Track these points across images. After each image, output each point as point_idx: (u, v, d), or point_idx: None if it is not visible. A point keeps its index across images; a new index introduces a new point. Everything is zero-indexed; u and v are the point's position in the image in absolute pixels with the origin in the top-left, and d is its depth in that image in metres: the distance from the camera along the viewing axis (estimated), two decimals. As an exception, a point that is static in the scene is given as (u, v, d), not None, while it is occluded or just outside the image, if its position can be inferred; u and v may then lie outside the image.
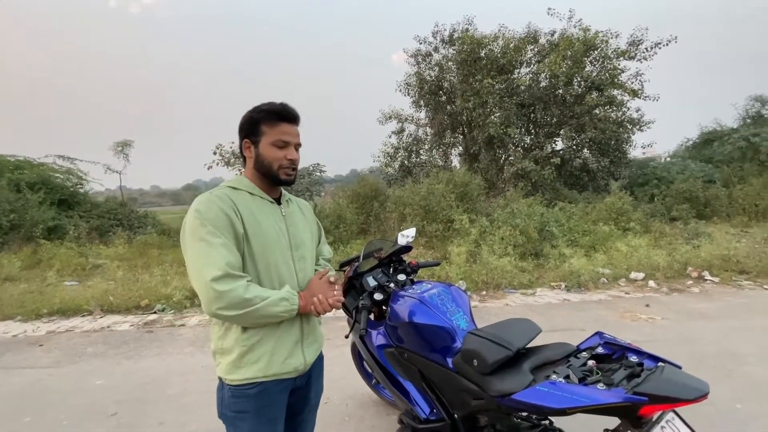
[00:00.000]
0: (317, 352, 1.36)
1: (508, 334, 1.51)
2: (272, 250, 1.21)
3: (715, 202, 10.39)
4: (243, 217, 1.16)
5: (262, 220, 1.21)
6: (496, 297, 5.00)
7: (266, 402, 1.20)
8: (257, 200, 1.24)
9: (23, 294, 5.23)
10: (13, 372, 3.28)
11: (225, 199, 1.16)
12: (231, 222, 1.13)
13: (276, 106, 1.23)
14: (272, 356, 1.18)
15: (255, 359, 1.17)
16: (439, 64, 12.46)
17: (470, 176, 8.56)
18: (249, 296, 1.08)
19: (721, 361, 3.01)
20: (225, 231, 1.12)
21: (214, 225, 1.11)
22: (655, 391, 1.07)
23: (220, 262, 1.07)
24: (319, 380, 1.43)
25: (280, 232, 1.25)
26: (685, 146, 16.62)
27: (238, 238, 1.14)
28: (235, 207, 1.16)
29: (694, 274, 5.48)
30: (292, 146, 1.24)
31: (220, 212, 1.13)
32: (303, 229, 1.35)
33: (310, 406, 1.39)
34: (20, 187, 9.11)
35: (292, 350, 1.22)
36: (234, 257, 1.11)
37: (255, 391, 1.18)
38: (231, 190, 1.21)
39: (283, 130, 1.22)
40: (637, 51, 11.04)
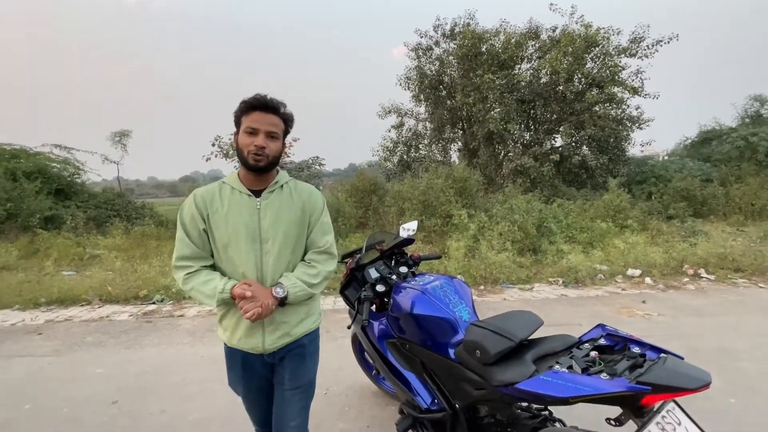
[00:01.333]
0: (282, 341, 1.41)
1: (511, 325, 1.52)
2: (233, 243, 1.33)
3: (712, 200, 10.46)
4: (209, 214, 1.34)
5: (230, 215, 1.34)
6: (494, 292, 5.03)
7: (233, 362, 1.47)
8: (236, 194, 1.36)
9: (21, 283, 5.21)
10: (13, 360, 3.28)
11: (198, 198, 1.35)
12: (194, 219, 1.34)
13: (251, 97, 1.31)
14: (233, 330, 1.39)
15: (224, 327, 1.43)
16: (440, 58, 12.41)
17: (469, 172, 8.56)
18: (186, 287, 1.34)
19: (716, 357, 3.06)
20: (189, 227, 1.35)
21: (182, 222, 1.36)
22: (658, 381, 1.09)
23: (174, 254, 1.36)
24: (296, 366, 1.46)
25: (245, 226, 1.33)
26: (684, 145, 16.67)
27: (201, 234, 1.35)
28: (203, 205, 1.34)
29: (690, 272, 5.53)
30: (261, 133, 1.29)
31: (188, 211, 1.35)
32: (278, 221, 1.36)
33: (286, 387, 1.46)
34: (17, 176, 9.04)
35: (250, 331, 1.37)
36: (189, 250, 1.34)
37: (228, 350, 1.47)
38: (218, 185, 1.39)
39: (253, 118, 1.29)
40: (638, 48, 11.03)
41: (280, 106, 1.33)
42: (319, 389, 2.65)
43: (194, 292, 1.33)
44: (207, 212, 1.34)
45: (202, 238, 1.35)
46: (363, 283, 2.11)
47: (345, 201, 8.45)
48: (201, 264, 1.35)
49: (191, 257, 1.34)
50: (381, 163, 14.02)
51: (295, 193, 1.43)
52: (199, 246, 1.35)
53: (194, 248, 1.34)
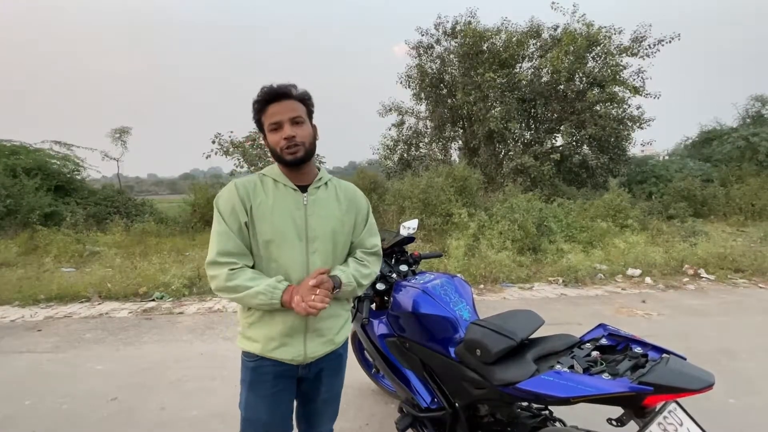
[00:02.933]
0: (325, 348, 1.30)
1: (512, 324, 1.52)
2: (279, 239, 1.21)
3: (713, 201, 10.46)
4: (252, 206, 1.21)
5: (274, 209, 1.22)
6: (493, 291, 5.03)
7: (260, 378, 1.27)
8: (280, 188, 1.25)
9: (21, 279, 5.21)
10: (12, 356, 3.28)
11: (241, 187, 1.22)
12: (235, 211, 1.20)
13: (260, 93, 1.21)
14: (267, 339, 1.24)
15: (255, 336, 1.25)
16: (441, 56, 12.38)
17: (470, 170, 8.56)
18: (231, 284, 1.16)
19: (715, 357, 3.06)
20: (229, 219, 1.20)
21: (222, 212, 1.21)
22: (661, 381, 1.08)
23: (215, 248, 1.19)
24: (334, 378, 1.40)
25: (293, 222, 1.23)
26: (684, 145, 16.68)
27: (241, 228, 1.20)
28: (246, 196, 1.21)
29: (690, 272, 5.53)
30: (285, 124, 1.19)
31: (228, 201, 1.21)
32: (327, 219, 1.27)
33: (321, 398, 1.38)
34: (16, 173, 9.03)
35: (289, 339, 1.24)
36: (232, 244, 1.19)
37: (252, 365, 1.27)
38: (259, 177, 1.28)
39: (272, 112, 1.20)
40: (639, 48, 11.01)
41: (291, 90, 1.22)
42: (319, 387, 2.67)
43: (241, 290, 1.16)
44: (250, 204, 1.20)
45: (242, 232, 1.20)
46: (363, 281, 2.10)
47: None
48: (245, 262, 1.20)
49: (235, 253, 1.19)
50: (381, 161, 14.00)
51: (340, 191, 1.34)
52: (243, 242, 1.21)
53: (238, 242, 1.19)
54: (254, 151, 8.23)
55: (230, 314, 4.26)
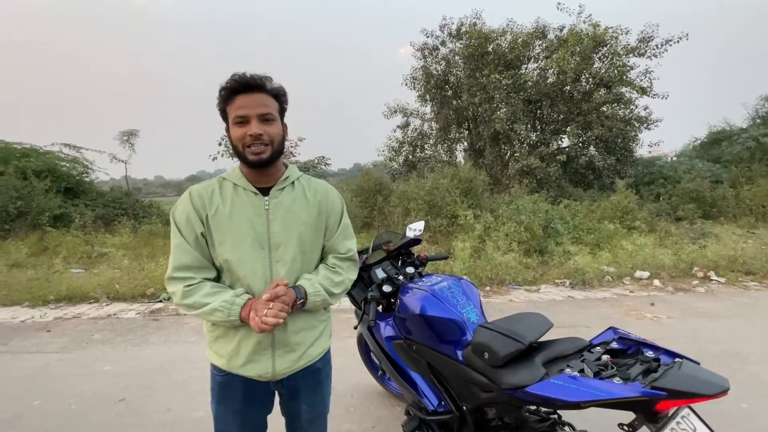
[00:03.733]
0: (298, 365, 1.21)
1: (520, 327, 1.50)
2: (238, 248, 1.12)
3: (722, 202, 10.31)
4: (208, 215, 1.12)
5: (232, 216, 1.13)
6: (499, 293, 5.00)
7: (228, 392, 1.22)
8: (239, 192, 1.15)
9: (30, 280, 5.27)
10: (22, 356, 3.31)
11: (195, 196, 1.14)
12: (190, 221, 1.13)
13: (229, 80, 1.09)
14: (232, 355, 1.16)
15: (221, 351, 1.19)
16: (446, 58, 12.36)
17: (475, 172, 8.52)
18: (187, 302, 1.10)
19: (726, 361, 3.01)
20: (185, 230, 1.13)
21: (177, 224, 1.14)
22: (674, 386, 1.06)
23: (171, 263, 1.13)
24: (315, 395, 1.31)
25: (252, 229, 1.13)
26: (693, 145, 16.48)
27: (198, 238, 1.13)
28: (202, 204, 1.13)
29: (699, 274, 5.46)
30: (253, 119, 1.07)
31: (183, 211, 1.14)
32: (291, 223, 1.16)
33: (305, 417, 1.30)
34: (27, 175, 9.15)
35: (256, 356, 1.16)
36: (188, 258, 1.12)
37: (220, 379, 1.23)
38: (217, 182, 1.18)
39: (239, 104, 1.08)
40: (647, 48, 10.91)
41: (266, 82, 1.10)
42: (325, 389, 2.66)
43: (198, 306, 1.09)
44: (206, 212, 1.12)
45: (199, 243, 1.13)
46: (369, 284, 2.10)
47: (350, 201, 8.45)
48: (203, 276, 1.13)
49: (191, 266, 1.11)
50: (386, 163, 13.99)
51: (309, 192, 1.22)
52: (201, 254, 1.13)
53: (195, 255, 1.12)
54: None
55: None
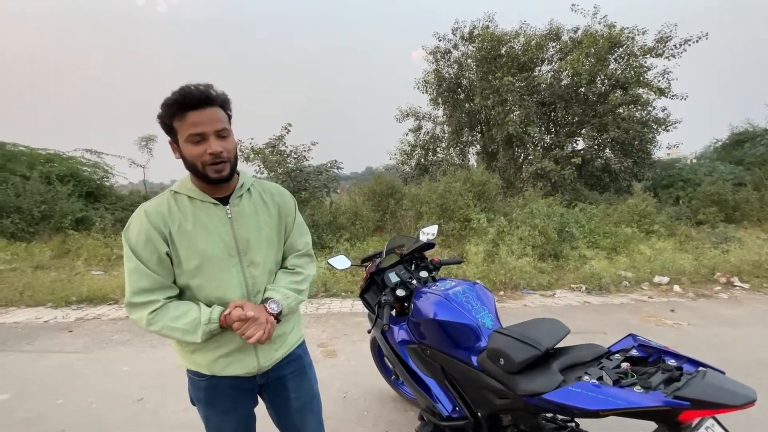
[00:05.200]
0: (278, 355, 1.24)
1: (536, 333, 1.48)
2: (208, 262, 1.11)
3: (746, 205, 9.97)
4: (171, 232, 1.08)
5: (196, 230, 1.10)
6: (514, 298, 4.93)
7: (216, 394, 1.21)
8: (197, 205, 1.12)
9: (54, 282, 5.44)
10: (45, 356, 3.42)
11: (152, 214, 1.09)
12: (151, 242, 1.07)
13: (174, 95, 1.04)
14: (216, 357, 1.15)
15: (201, 360, 1.16)
16: (459, 61, 12.34)
17: (488, 175, 8.46)
18: (154, 328, 1.06)
19: (752, 370, 2.90)
20: (143, 252, 1.07)
21: (133, 247, 1.07)
22: (699, 396, 1.03)
23: (129, 289, 1.07)
24: (301, 382, 1.32)
25: (219, 240, 1.12)
26: (714, 147, 16.00)
27: (161, 258, 1.08)
28: (162, 222, 1.09)
29: (722, 280, 5.29)
30: (210, 136, 1.04)
31: (140, 232, 1.08)
32: (257, 228, 1.18)
33: (294, 406, 1.30)
34: (50, 180, 9.47)
35: (237, 355, 1.16)
36: (147, 281, 1.07)
37: (205, 384, 1.20)
38: (170, 197, 1.13)
39: (193, 121, 1.03)
40: (664, 48, 10.68)
41: (215, 96, 1.07)
42: (338, 393, 2.67)
43: (167, 331, 1.06)
44: (168, 229, 1.08)
45: (163, 263, 1.08)
46: (383, 287, 2.10)
47: (362, 204, 8.48)
48: (165, 296, 1.09)
49: (152, 289, 1.07)
50: (398, 166, 14.00)
51: (266, 195, 1.25)
52: (160, 274, 1.08)
53: (155, 277, 1.07)
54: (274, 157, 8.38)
55: (250, 318, 4.32)
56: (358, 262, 2.41)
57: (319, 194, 8.74)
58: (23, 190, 8.77)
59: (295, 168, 8.53)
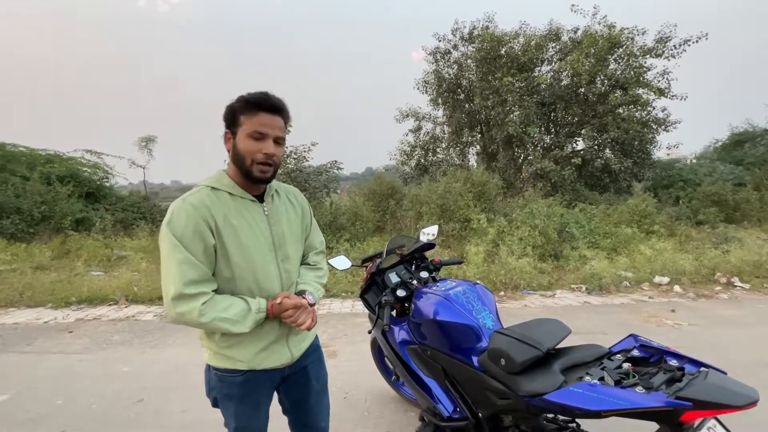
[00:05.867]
0: (305, 345, 1.36)
1: (537, 333, 1.48)
2: (250, 255, 1.17)
3: (746, 206, 9.97)
4: (217, 225, 1.12)
5: (240, 224, 1.16)
6: (514, 298, 4.93)
7: (251, 389, 1.26)
8: (237, 201, 1.18)
9: (54, 282, 5.44)
10: (45, 357, 3.42)
11: (198, 206, 1.11)
12: (200, 233, 1.09)
13: (255, 95, 1.15)
14: (253, 353, 1.21)
15: (238, 355, 1.21)
16: (458, 61, 12.34)
17: (488, 175, 8.46)
18: (205, 320, 1.08)
19: (753, 370, 2.90)
20: (191, 244, 1.09)
21: (180, 238, 1.08)
22: (701, 397, 1.03)
23: (179, 280, 1.06)
24: (319, 369, 1.44)
25: (260, 235, 1.20)
26: (714, 147, 16.00)
27: (207, 250, 1.11)
28: (208, 215, 1.11)
29: (722, 280, 5.28)
30: (269, 139, 1.14)
31: (188, 224, 1.09)
32: (289, 225, 1.29)
33: (314, 391, 1.41)
34: (50, 180, 9.46)
35: (274, 347, 1.24)
36: (197, 272, 1.08)
37: (241, 379, 1.23)
38: (209, 192, 1.16)
39: (261, 121, 1.13)
40: (664, 48, 10.68)
41: (285, 108, 1.18)
42: (338, 394, 2.67)
43: (216, 323, 1.10)
44: (214, 222, 1.12)
45: (208, 255, 1.11)
46: (383, 288, 2.10)
47: (362, 205, 8.48)
48: (212, 288, 1.13)
49: (201, 281, 1.09)
50: (398, 166, 14.00)
51: (291, 196, 1.36)
52: (207, 266, 1.12)
53: (203, 269, 1.10)
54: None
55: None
56: (359, 263, 2.41)
57: (319, 195, 8.74)
58: (23, 190, 8.76)
59: (295, 168, 8.54)
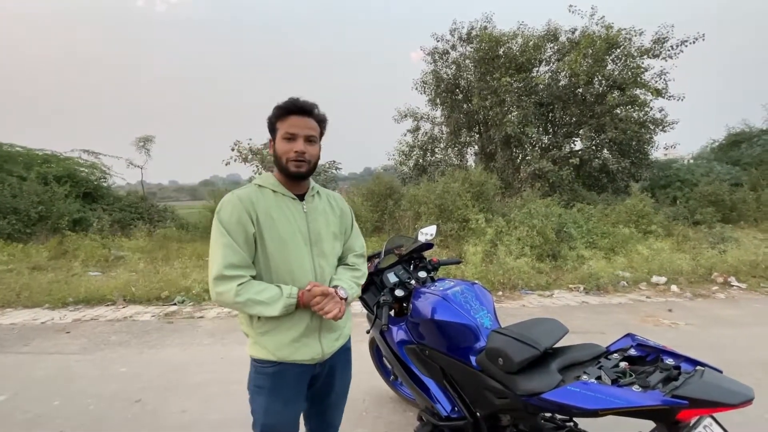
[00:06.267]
0: (338, 344, 1.39)
1: (535, 333, 1.49)
2: (286, 247, 1.26)
3: (742, 205, 10.04)
4: (258, 217, 1.24)
5: (279, 218, 1.27)
6: (512, 298, 4.94)
7: (281, 382, 1.29)
8: (279, 197, 1.30)
9: (51, 283, 5.42)
10: (42, 357, 3.40)
11: (244, 199, 1.24)
12: (242, 223, 1.22)
13: (286, 102, 1.27)
14: (285, 343, 1.27)
15: (270, 343, 1.27)
16: (457, 62, 12.36)
17: (486, 175, 8.48)
18: (240, 300, 1.18)
19: (750, 370, 2.92)
20: (234, 231, 1.21)
21: (226, 226, 1.21)
22: (697, 395, 1.04)
23: (220, 262, 1.18)
24: (345, 371, 1.49)
25: (297, 229, 1.29)
26: (711, 147, 16.10)
27: (248, 239, 1.23)
28: (251, 207, 1.24)
29: (719, 280, 5.31)
30: (299, 138, 1.25)
31: (233, 213, 1.22)
32: (326, 224, 1.37)
33: (335, 392, 1.45)
34: (48, 180, 9.43)
35: (306, 340, 1.29)
36: (237, 257, 1.20)
37: (272, 370, 1.29)
38: (256, 188, 1.30)
39: (291, 123, 1.25)
40: (661, 49, 10.73)
41: (314, 109, 1.29)
42: (337, 393, 2.66)
43: (250, 304, 1.18)
44: (256, 214, 1.24)
45: (249, 243, 1.23)
46: (381, 288, 2.10)
47: (361, 205, 8.49)
48: (250, 273, 1.23)
49: (240, 265, 1.20)
50: (397, 167, 14.02)
51: (331, 200, 1.45)
52: (247, 252, 1.22)
53: (243, 255, 1.21)
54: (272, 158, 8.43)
55: (249, 319, 4.31)
56: None
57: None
58: (20, 190, 8.73)
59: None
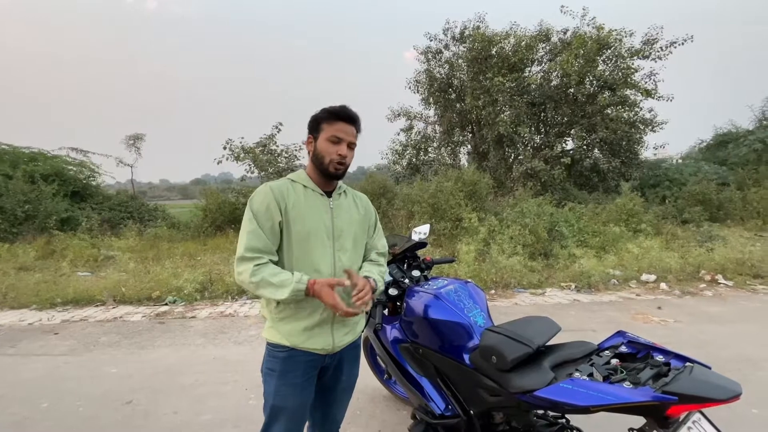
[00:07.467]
0: (349, 338, 1.44)
1: (528, 331, 1.50)
2: (309, 238, 1.34)
3: (729, 204, 10.23)
4: (287, 208, 1.33)
5: (307, 211, 1.36)
6: (505, 296, 4.98)
7: (291, 367, 1.36)
8: (308, 192, 1.39)
9: (38, 283, 5.32)
10: (30, 359, 3.34)
11: (275, 190, 1.34)
12: (270, 211, 1.32)
13: (336, 107, 1.37)
14: (299, 330, 1.34)
15: (285, 328, 1.35)
16: (450, 61, 12.41)
17: (479, 175, 8.52)
18: (255, 279, 1.26)
19: (737, 365, 2.97)
20: (262, 219, 1.31)
21: (255, 213, 1.32)
22: (686, 391, 1.05)
23: (244, 245, 1.29)
24: (353, 366, 1.54)
25: (322, 224, 1.37)
26: (699, 148, 16.39)
27: (274, 228, 1.32)
28: (281, 198, 1.33)
29: (707, 278, 5.41)
30: (344, 143, 1.35)
31: (262, 202, 1.33)
32: (350, 222, 1.44)
33: (341, 386, 1.51)
34: (35, 179, 9.26)
35: (319, 330, 1.35)
36: (260, 242, 1.29)
37: (284, 355, 1.36)
38: (288, 182, 1.40)
39: (339, 128, 1.35)
40: (651, 50, 10.89)
41: (359, 120, 1.40)
42: (331, 393, 2.66)
43: (263, 285, 1.26)
44: (285, 204, 1.33)
45: (274, 231, 1.32)
46: (375, 287, 2.10)
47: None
48: (269, 258, 1.32)
49: (261, 250, 1.30)
50: (390, 166, 14.04)
51: (357, 199, 1.53)
52: (270, 240, 1.32)
53: (266, 241, 1.31)
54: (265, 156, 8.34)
55: (241, 318, 4.28)
56: None
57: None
58: (6, 189, 8.56)
59: (286, 167, 8.51)
